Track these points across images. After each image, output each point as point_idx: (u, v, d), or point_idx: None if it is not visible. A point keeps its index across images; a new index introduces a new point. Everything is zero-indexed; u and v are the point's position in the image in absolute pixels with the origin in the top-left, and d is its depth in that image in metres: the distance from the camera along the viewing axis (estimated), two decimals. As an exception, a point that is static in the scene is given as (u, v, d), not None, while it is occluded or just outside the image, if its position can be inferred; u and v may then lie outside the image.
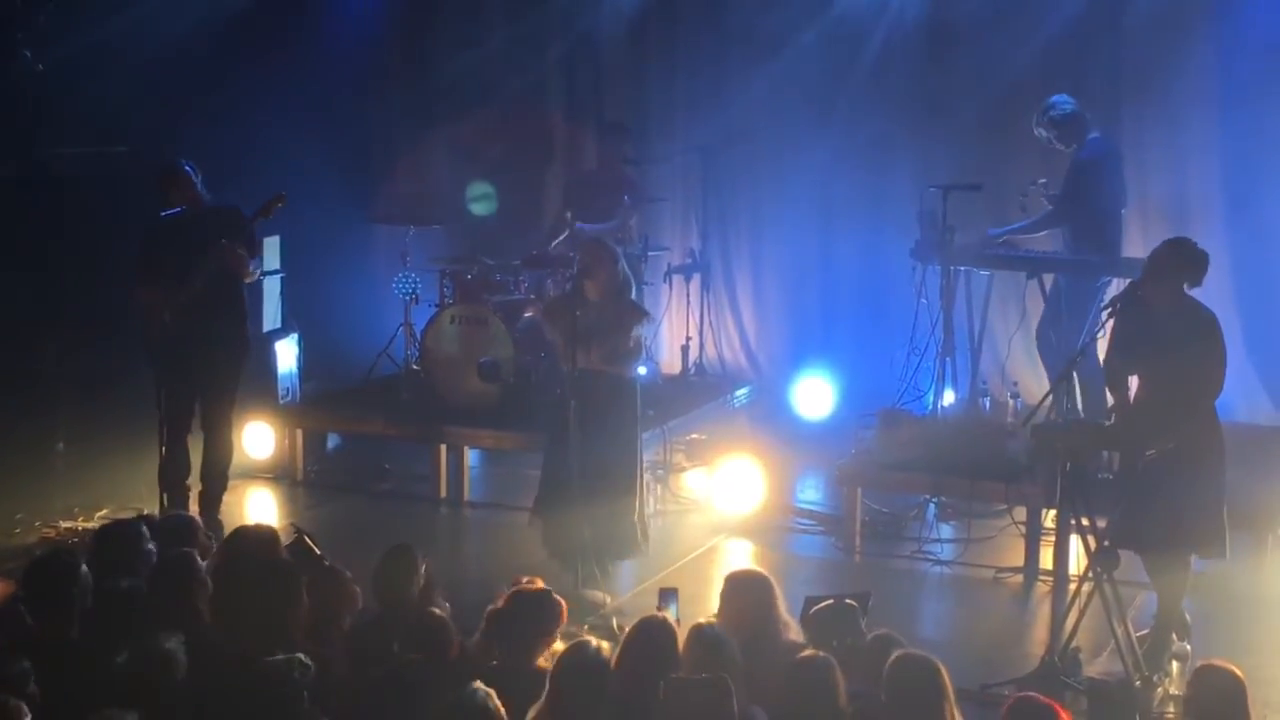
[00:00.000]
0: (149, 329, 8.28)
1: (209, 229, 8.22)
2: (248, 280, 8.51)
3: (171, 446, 8.42)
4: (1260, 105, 9.76)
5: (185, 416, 8.48)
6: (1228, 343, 6.86)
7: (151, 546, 6.03)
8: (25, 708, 4.54)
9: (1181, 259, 6.77)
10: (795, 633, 5.77)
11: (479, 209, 10.83)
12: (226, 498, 8.69)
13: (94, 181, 10.32)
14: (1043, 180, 8.95)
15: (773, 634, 5.62)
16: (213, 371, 8.42)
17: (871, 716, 5.10)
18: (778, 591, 5.76)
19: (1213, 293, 7.04)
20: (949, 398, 9.10)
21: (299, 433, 9.96)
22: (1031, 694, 5.14)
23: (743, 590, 5.78)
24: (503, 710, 4.74)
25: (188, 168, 8.36)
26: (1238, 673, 5.24)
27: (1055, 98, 8.95)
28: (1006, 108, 9.98)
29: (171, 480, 8.42)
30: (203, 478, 8.55)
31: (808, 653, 5.33)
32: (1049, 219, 8.91)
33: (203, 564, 5.82)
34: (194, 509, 8.29)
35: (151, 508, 8.17)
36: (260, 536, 6.26)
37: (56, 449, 9.82)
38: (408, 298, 10.34)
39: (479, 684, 4.78)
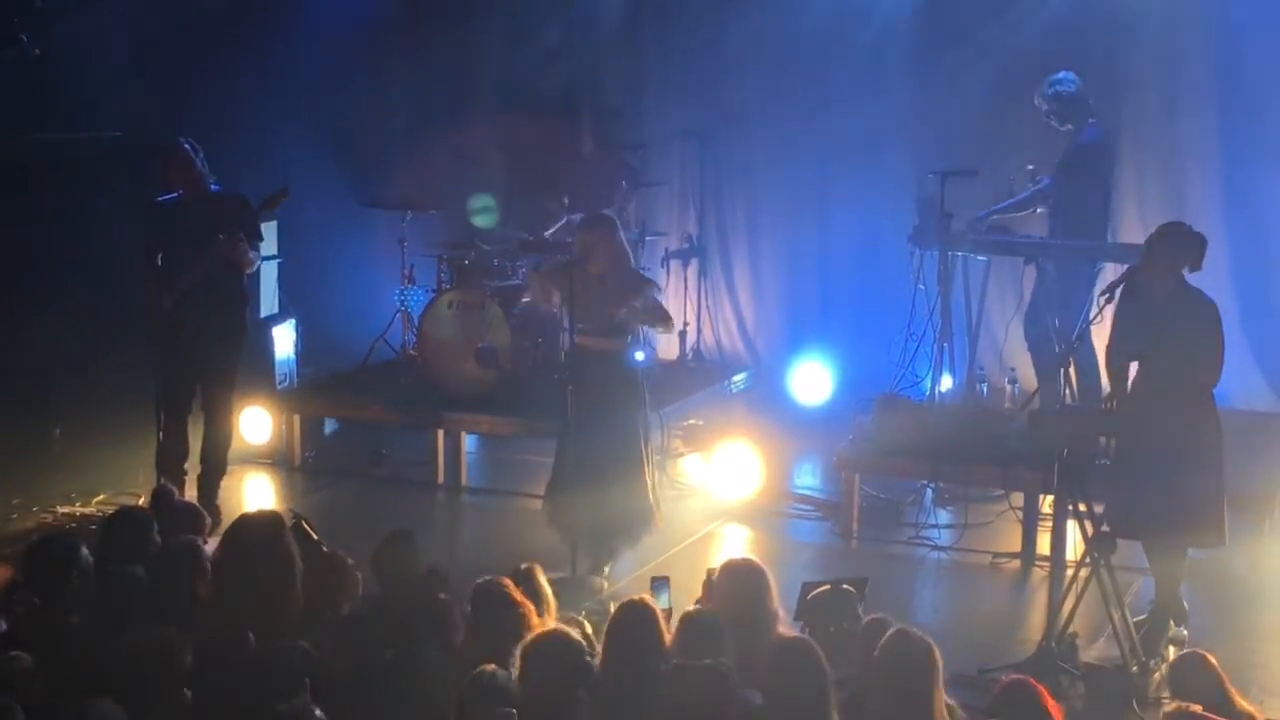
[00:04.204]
0: (149, 314, 8.26)
1: (208, 216, 8.18)
2: (248, 271, 8.49)
3: (170, 431, 8.42)
4: (1259, 93, 9.76)
5: (185, 401, 8.49)
6: (1227, 331, 6.86)
7: (157, 536, 6.02)
8: (20, 709, 4.52)
9: (1178, 243, 6.76)
10: (785, 626, 5.74)
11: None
12: (224, 483, 8.69)
13: (90, 166, 10.30)
14: (1030, 167, 8.97)
15: (764, 625, 5.57)
16: (212, 357, 8.41)
17: (863, 701, 5.06)
18: (773, 583, 5.75)
19: (1211, 281, 7.04)
20: (946, 383, 9.12)
21: (296, 418, 9.95)
22: (1022, 676, 5.15)
23: (739, 579, 5.75)
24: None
25: (187, 146, 8.27)
26: (1210, 659, 5.34)
27: (1062, 73, 8.95)
28: (1004, 92, 9.98)
29: (169, 465, 8.40)
30: (202, 463, 8.56)
31: (791, 635, 5.32)
32: (1038, 196, 8.92)
33: (205, 551, 5.82)
34: (191, 494, 8.29)
35: (148, 493, 8.16)
36: (264, 523, 6.24)
37: (53, 434, 9.81)
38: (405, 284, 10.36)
39: (491, 666, 4.78)
